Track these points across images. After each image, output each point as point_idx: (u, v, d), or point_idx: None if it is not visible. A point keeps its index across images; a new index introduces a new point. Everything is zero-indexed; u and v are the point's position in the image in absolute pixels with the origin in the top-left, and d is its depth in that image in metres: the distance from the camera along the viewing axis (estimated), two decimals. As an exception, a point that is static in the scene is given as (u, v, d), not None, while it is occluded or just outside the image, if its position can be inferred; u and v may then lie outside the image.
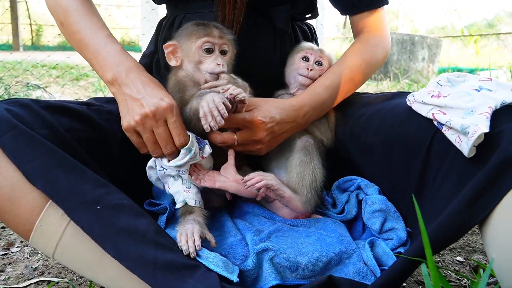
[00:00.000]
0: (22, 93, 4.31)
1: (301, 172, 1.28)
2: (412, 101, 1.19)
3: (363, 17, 1.52)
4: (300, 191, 1.26)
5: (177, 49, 1.27)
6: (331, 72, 1.42)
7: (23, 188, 0.97)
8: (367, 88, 5.56)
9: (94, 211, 0.96)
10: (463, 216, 0.89)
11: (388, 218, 1.22)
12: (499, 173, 0.88)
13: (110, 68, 1.21)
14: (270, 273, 1.06)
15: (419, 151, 1.12)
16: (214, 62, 1.24)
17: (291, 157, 1.32)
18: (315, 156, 1.31)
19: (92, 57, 1.25)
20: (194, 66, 1.26)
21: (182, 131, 1.14)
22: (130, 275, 0.93)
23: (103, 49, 1.23)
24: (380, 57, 1.51)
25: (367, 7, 1.50)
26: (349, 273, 1.08)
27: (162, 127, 1.14)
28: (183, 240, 1.02)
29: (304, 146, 1.31)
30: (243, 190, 1.25)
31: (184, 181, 1.20)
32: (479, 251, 1.55)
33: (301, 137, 1.35)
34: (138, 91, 1.16)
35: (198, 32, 1.25)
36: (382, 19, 1.54)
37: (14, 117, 1.01)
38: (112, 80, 1.20)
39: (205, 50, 1.25)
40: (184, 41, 1.27)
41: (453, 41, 15.51)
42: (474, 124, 0.93)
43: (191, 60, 1.26)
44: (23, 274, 1.35)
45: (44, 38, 15.28)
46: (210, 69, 1.24)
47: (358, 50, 1.48)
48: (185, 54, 1.27)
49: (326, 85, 1.38)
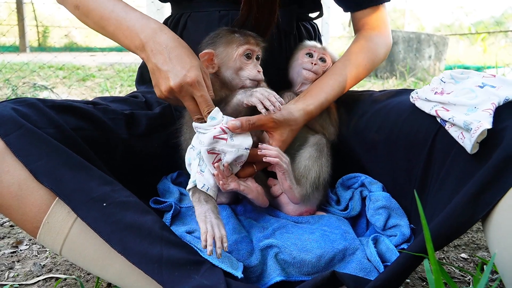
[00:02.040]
0: (29, 94, 4.34)
1: (309, 166, 1.29)
2: (416, 98, 1.19)
3: (366, 14, 1.53)
4: (303, 183, 1.27)
5: (213, 57, 1.27)
6: (337, 71, 1.42)
7: (30, 186, 0.99)
8: (373, 87, 5.55)
9: (100, 208, 0.97)
10: (465, 212, 0.90)
11: (392, 214, 1.23)
12: (501, 169, 0.88)
13: (136, 35, 1.21)
14: (275, 270, 1.07)
15: (422, 148, 1.13)
16: (255, 69, 1.28)
17: (303, 150, 1.32)
18: (324, 155, 1.32)
19: (115, 30, 1.25)
20: (233, 72, 1.28)
21: (208, 104, 1.16)
22: (136, 271, 0.95)
23: (125, 19, 1.23)
24: (382, 55, 1.52)
25: (370, 4, 1.51)
26: (353, 269, 1.08)
27: (188, 101, 1.17)
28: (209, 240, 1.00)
29: (317, 143, 1.32)
30: (261, 198, 1.26)
31: (201, 162, 1.16)
32: (484, 248, 1.55)
33: (314, 135, 1.36)
34: (164, 60, 1.17)
35: (238, 40, 1.27)
36: (384, 16, 1.55)
37: (21, 116, 1.03)
38: (141, 46, 1.21)
39: (245, 57, 1.27)
40: (223, 48, 1.27)
41: (460, 39, 15.43)
42: (477, 121, 0.94)
43: (230, 67, 1.27)
44: (32, 272, 1.37)
45: (51, 40, 15.35)
46: (252, 76, 1.27)
47: (364, 48, 1.48)
48: (223, 61, 1.28)
49: (330, 85, 1.38)
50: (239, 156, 1.15)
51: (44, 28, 15.43)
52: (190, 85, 1.14)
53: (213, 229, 1.02)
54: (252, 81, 1.27)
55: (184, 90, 1.15)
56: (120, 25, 1.24)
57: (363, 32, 1.53)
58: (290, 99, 1.40)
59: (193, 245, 1.05)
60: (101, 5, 1.27)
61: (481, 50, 13.93)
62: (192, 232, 1.13)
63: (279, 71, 1.50)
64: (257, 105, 1.17)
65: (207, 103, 1.16)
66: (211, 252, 0.99)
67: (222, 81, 1.29)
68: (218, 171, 1.14)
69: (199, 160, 1.16)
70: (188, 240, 1.07)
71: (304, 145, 1.33)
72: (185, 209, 1.27)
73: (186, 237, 1.08)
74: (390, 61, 6.97)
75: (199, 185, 1.13)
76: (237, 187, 1.20)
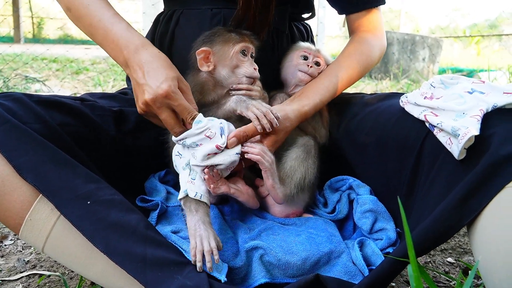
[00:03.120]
0: (21, 86, 4.31)
1: (294, 166, 1.28)
2: (405, 102, 1.19)
3: (360, 16, 1.54)
4: (287, 183, 1.26)
5: (209, 55, 1.28)
6: (331, 73, 1.42)
7: (13, 182, 0.98)
8: (366, 87, 5.56)
9: (84, 206, 0.96)
10: (451, 218, 0.90)
11: (379, 218, 1.23)
12: (488, 175, 0.88)
13: (120, 51, 1.20)
14: (259, 271, 1.07)
15: (411, 152, 1.13)
16: (251, 66, 1.29)
17: (290, 150, 1.32)
18: (312, 157, 1.31)
19: (103, 40, 1.25)
20: (229, 70, 1.28)
21: (189, 111, 1.13)
22: (119, 270, 0.94)
23: (111, 31, 1.22)
24: (376, 58, 1.52)
25: (364, 6, 1.51)
26: (338, 272, 1.08)
27: (164, 112, 1.14)
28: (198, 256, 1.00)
29: (305, 144, 1.32)
30: (251, 200, 1.26)
31: (191, 172, 1.16)
32: (470, 253, 1.56)
33: (303, 136, 1.36)
34: (142, 75, 1.14)
35: (235, 38, 1.28)
36: (378, 18, 1.55)
37: (6, 111, 1.01)
38: (124, 63, 1.20)
39: (242, 54, 1.28)
40: (220, 46, 1.28)
41: (454, 41, 15.50)
42: (464, 127, 0.94)
43: (227, 64, 1.28)
44: (15, 267, 1.36)
45: (45, 31, 15.27)
46: (249, 73, 1.28)
47: (358, 51, 1.48)
48: (220, 59, 1.28)
49: (325, 86, 1.38)
50: (231, 162, 1.15)
51: (39, 19, 15.33)
52: (165, 96, 1.11)
53: (202, 243, 1.01)
54: (248, 78, 1.28)
55: (159, 102, 1.12)
56: (107, 36, 1.23)
57: (358, 34, 1.53)
58: (282, 100, 1.40)
59: (178, 245, 1.05)
60: (90, 12, 1.25)
61: (474, 53, 14.00)
62: (178, 232, 1.12)
63: (272, 71, 1.50)
64: (253, 121, 1.17)
65: (187, 110, 1.13)
66: (201, 268, 0.98)
67: (217, 79, 1.30)
68: (208, 176, 1.14)
69: (189, 171, 1.16)
70: (173, 240, 1.07)
71: (292, 146, 1.33)
72: (171, 208, 1.26)
73: (171, 237, 1.08)
74: (384, 62, 6.99)
75: (191, 194, 1.12)
76: (227, 190, 1.20)
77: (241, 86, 1.27)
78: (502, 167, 0.87)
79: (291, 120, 1.26)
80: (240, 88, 1.28)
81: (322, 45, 7.07)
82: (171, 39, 1.50)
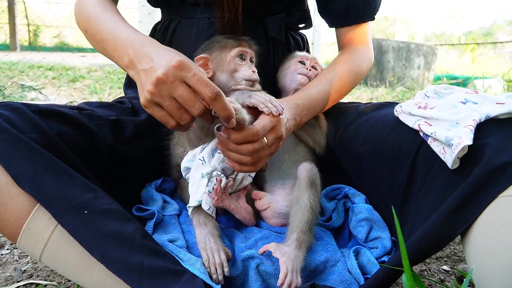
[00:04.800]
0: (17, 94, 4.31)
1: (310, 219, 1.18)
2: (399, 111, 1.20)
3: (350, 30, 1.57)
4: (300, 236, 1.15)
5: (208, 62, 1.30)
6: (323, 77, 1.44)
7: (11, 191, 0.98)
8: (362, 95, 5.58)
9: (81, 216, 0.97)
10: (445, 227, 0.91)
11: (374, 227, 1.24)
12: (481, 185, 0.89)
13: (126, 51, 1.14)
14: (256, 281, 1.07)
15: (405, 161, 1.14)
16: (250, 69, 1.30)
17: (299, 190, 1.24)
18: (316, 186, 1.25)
19: (113, 51, 1.21)
20: (228, 75, 1.29)
21: (207, 84, 0.98)
22: (116, 279, 0.94)
23: (120, 38, 1.18)
24: (365, 69, 1.55)
25: (354, 21, 1.55)
26: (334, 281, 1.09)
27: (181, 87, 1.00)
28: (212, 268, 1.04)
29: (309, 178, 1.25)
30: (248, 218, 1.28)
31: (209, 183, 1.18)
32: (465, 261, 1.56)
33: (303, 163, 1.31)
34: (149, 61, 1.05)
35: (231, 43, 1.30)
36: (367, 33, 1.59)
37: (5, 120, 1.02)
38: (128, 62, 1.13)
39: (239, 58, 1.30)
40: (218, 53, 1.30)
41: (449, 49, 15.58)
42: (458, 136, 0.95)
43: (225, 69, 1.29)
44: (12, 277, 1.36)
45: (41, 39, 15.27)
46: (247, 76, 1.29)
47: (348, 60, 1.51)
48: (218, 65, 1.30)
49: (318, 89, 1.39)
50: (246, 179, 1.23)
51: (35, 27, 15.34)
52: (178, 67, 0.99)
53: (214, 256, 1.06)
54: (247, 81, 1.29)
55: (172, 76, 0.99)
56: (116, 44, 1.19)
57: (348, 47, 1.57)
58: None
59: (174, 254, 1.05)
60: (103, 27, 1.26)
61: (469, 60, 14.07)
62: (174, 241, 1.12)
63: (268, 79, 1.51)
64: (258, 105, 1.11)
65: (205, 82, 0.98)
66: (217, 279, 1.03)
67: (218, 85, 1.30)
68: (218, 185, 1.17)
69: (208, 181, 1.19)
70: (170, 249, 1.07)
71: (299, 182, 1.26)
72: (168, 217, 1.26)
73: (168, 246, 1.08)
74: (379, 70, 7.03)
75: (205, 207, 1.16)
76: (228, 206, 1.23)
77: (239, 87, 1.28)
78: (495, 176, 0.88)
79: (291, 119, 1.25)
80: (238, 89, 1.28)
81: (317, 52, 7.12)
82: (169, 47, 1.51)
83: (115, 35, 1.21)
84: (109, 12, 1.30)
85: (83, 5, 1.36)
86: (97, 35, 1.28)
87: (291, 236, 1.14)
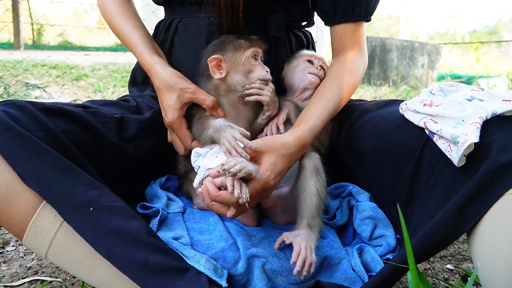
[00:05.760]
0: (22, 92, 4.32)
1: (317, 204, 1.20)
2: (405, 109, 1.20)
3: (345, 30, 1.50)
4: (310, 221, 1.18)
5: (221, 62, 1.30)
6: (323, 97, 1.37)
7: (17, 189, 0.98)
8: (365, 94, 5.57)
9: (87, 213, 0.97)
10: (450, 225, 0.90)
11: (378, 225, 1.23)
12: (487, 183, 0.89)
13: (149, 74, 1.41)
14: (261, 279, 1.07)
15: (410, 159, 1.14)
16: (263, 69, 1.32)
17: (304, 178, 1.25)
18: (321, 173, 1.26)
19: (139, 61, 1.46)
20: (242, 76, 1.31)
21: (184, 141, 1.34)
22: (121, 276, 0.95)
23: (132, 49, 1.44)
24: (361, 77, 1.50)
25: (350, 19, 1.48)
26: (338, 278, 1.09)
27: (172, 135, 1.39)
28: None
29: (314, 165, 1.26)
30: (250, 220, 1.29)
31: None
32: (469, 260, 1.56)
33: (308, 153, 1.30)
34: (161, 99, 1.36)
35: (245, 44, 1.31)
36: (362, 34, 1.52)
37: (11, 118, 1.02)
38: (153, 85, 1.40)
39: (253, 58, 1.31)
40: (232, 53, 1.30)
41: (453, 47, 15.54)
42: (464, 134, 0.95)
43: (239, 70, 1.30)
44: (17, 273, 1.36)
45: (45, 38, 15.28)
46: (262, 76, 1.31)
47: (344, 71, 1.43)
48: (232, 65, 1.30)
49: (321, 111, 1.32)
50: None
51: (39, 26, 15.36)
52: (168, 125, 1.36)
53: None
54: (261, 81, 1.31)
55: (168, 128, 1.40)
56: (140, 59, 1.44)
57: (343, 53, 1.49)
58: (289, 109, 1.39)
59: (179, 251, 1.05)
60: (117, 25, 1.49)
61: (474, 59, 14.03)
62: (179, 239, 1.13)
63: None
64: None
65: (180, 143, 1.36)
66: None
67: (230, 85, 1.32)
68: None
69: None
70: (174, 246, 1.07)
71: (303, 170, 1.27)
72: (172, 215, 1.27)
73: (173, 243, 1.08)
74: (383, 68, 7.01)
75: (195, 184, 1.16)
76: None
77: (253, 85, 1.30)
78: (502, 174, 0.88)
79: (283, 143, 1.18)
80: (252, 87, 1.30)
81: (321, 51, 7.09)
82: (171, 47, 1.51)
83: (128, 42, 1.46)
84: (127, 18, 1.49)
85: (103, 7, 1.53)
86: (120, 37, 1.50)
87: (302, 222, 1.17)
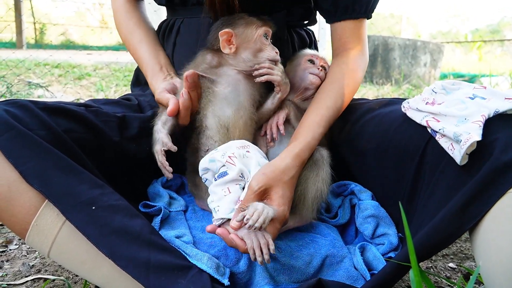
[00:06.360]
0: (24, 91, 4.33)
1: (303, 189, 1.20)
2: (407, 108, 1.20)
3: (346, 27, 1.47)
4: (299, 209, 1.20)
5: (231, 37, 1.27)
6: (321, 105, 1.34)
7: (20, 188, 0.98)
8: (367, 92, 5.57)
9: (89, 211, 0.97)
10: (452, 224, 0.90)
11: (380, 223, 1.23)
12: (490, 181, 0.89)
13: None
14: (263, 277, 1.07)
15: (412, 158, 1.14)
16: (273, 50, 1.31)
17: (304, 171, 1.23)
18: (323, 168, 1.25)
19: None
20: (251, 54, 1.29)
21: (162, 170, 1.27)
22: (123, 274, 0.95)
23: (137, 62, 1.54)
24: (361, 78, 1.48)
25: (351, 15, 1.45)
26: (340, 277, 1.09)
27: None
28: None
29: (313, 160, 1.25)
30: None
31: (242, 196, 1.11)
32: (472, 258, 1.56)
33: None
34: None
35: (257, 22, 1.29)
36: (363, 32, 1.49)
37: (13, 117, 1.02)
38: None
39: (264, 38, 1.29)
40: (243, 29, 1.28)
41: (456, 46, 15.50)
42: (466, 132, 0.95)
43: (250, 47, 1.28)
44: (20, 272, 1.37)
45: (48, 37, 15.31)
46: (272, 57, 1.30)
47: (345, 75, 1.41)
48: (243, 41, 1.28)
49: (318, 122, 1.30)
50: None
51: (41, 25, 15.38)
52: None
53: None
54: (270, 61, 1.29)
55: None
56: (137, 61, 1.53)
57: (343, 53, 1.47)
58: (290, 109, 1.39)
59: (181, 250, 1.05)
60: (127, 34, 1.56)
61: (476, 58, 13.99)
62: (181, 237, 1.13)
63: None
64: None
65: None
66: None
67: (236, 61, 1.30)
68: None
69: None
70: (177, 245, 1.07)
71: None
72: (174, 213, 1.27)
73: (175, 241, 1.08)
74: (385, 67, 7.00)
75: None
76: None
77: (263, 65, 1.28)
78: (504, 173, 0.88)
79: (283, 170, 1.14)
80: (262, 67, 1.28)
81: (323, 50, 7.09)
82: (173, 47, 1.52)
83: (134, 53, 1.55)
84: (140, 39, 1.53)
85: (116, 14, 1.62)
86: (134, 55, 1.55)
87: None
